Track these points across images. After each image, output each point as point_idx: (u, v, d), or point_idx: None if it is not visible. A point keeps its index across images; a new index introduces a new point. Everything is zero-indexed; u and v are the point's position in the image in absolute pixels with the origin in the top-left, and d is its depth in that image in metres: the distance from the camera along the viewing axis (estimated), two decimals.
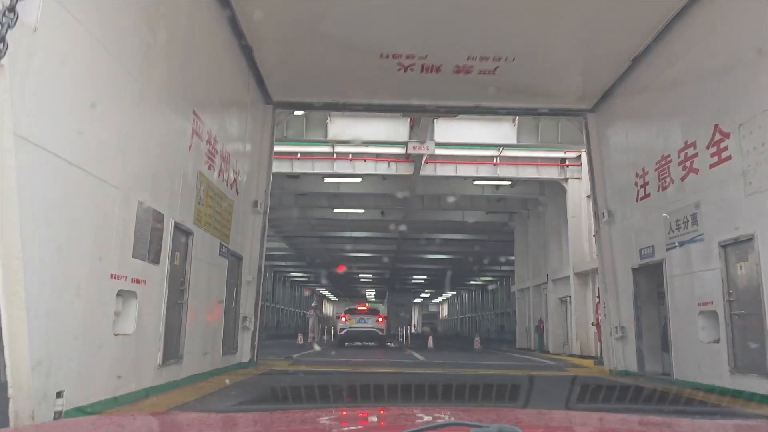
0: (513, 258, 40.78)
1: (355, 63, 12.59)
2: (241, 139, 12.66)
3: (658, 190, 11.20)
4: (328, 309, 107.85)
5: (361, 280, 62.77)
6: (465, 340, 48.31)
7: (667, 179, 10.86)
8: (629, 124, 12.78)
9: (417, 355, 19.33)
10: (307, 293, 66.18)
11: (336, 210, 26.88)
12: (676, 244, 10.50)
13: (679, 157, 10.41)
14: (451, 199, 25.24)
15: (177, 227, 8.42)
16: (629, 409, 7.59)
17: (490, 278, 59.04)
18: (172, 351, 8.38)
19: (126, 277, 6.75)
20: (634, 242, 12.23)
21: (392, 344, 28.86)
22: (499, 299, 59.13)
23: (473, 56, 12.10)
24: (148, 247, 7.35)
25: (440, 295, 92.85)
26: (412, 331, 65.49)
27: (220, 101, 10.99)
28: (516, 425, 1.46)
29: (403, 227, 30.69)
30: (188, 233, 9.02)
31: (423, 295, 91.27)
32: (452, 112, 15.17)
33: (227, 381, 9.65)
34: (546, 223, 23.49)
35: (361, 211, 27.09)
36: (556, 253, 22.41)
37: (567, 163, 20.47)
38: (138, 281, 7.09)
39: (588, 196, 19.61)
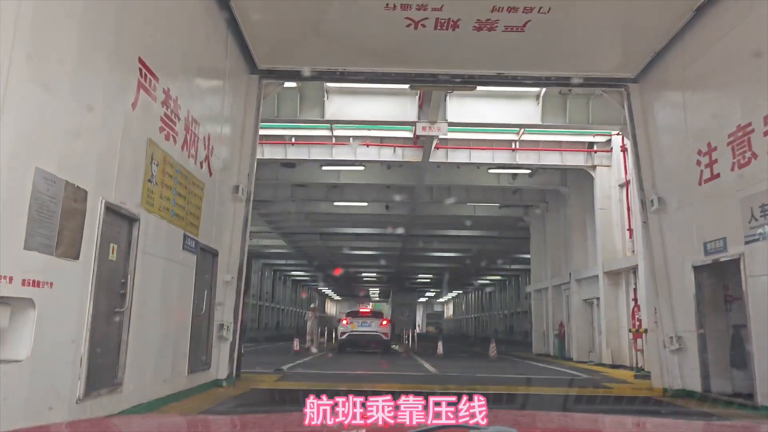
0: (527, 256, 38.60)
1: (356, 17, 10.43)
2: (218, 111, 10.48)
3: (733, 169, 8.96)
4: (331, 308, 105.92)
5: (365, 279, 60.66)
6: (473, 341, 46.00)
7: (747, 154, 8.63)
8: (688, 93, 10.54)
9: (426, 365, 17.13)
10: (304, 296, 63.99)
11: (336, 203, 24.71)
12: (761, 235, 8.28)
13: (765, 125, 8.19)
14: (460, 193, 23.10)
15: (111, 210, 6.23)
16: (626, 410, 7.52)
17: (500, 277, 56.82)
18: (103, 377, 6.21)
19: (11, 278, 4.57)
20: (696, 234, 10.01)
21: (397, 347, 26.68)
22: (508, 299, 56.90)
23: (499, 7, 9.87)
24: (55, 236, 5.17)
25: (446, 295, 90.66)
26: (417, 330, 63.24)
27: (186, 58, 8.79)
28: (513, 426, 1.52)
29: (401, 230, 28.48)
30: (132, 219, 6.84)
31: (428, 294, 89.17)
32: (469, 83, 12.91)
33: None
34: (568, 217, 21.27)
35: (364, 204, 24.91)
36: (580, 251, 20.18)
37: (595, 148, 18.24)
38: (37, 283, 4.92)
39: (621, 185, 17.43)
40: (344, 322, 23.27)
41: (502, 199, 23.57)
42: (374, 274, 55.51)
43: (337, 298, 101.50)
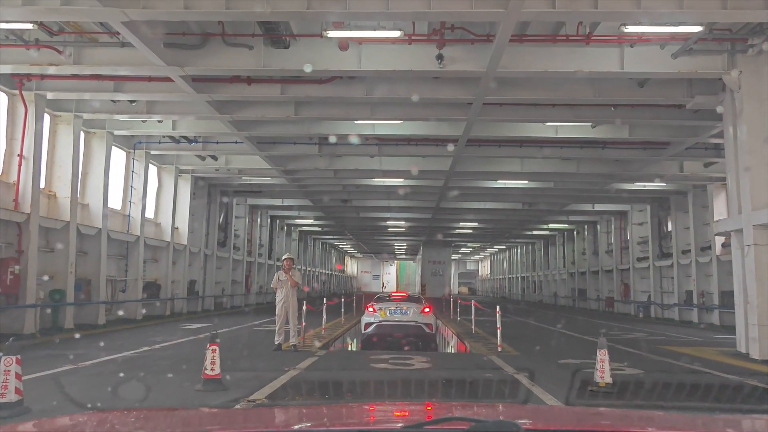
0: (637, 187, 24.81)
1: None
2: None
3: None
4: (351, 267, 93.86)
5: (390, 229, 47.69)
6: (532, 310, 33.13)
7: None
8: None
9: None
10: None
11: (333, 32, 11.43)
12: None
13: None
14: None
15: None
16: (628, 405, 6.69)
17: (566, 226, 43.23)
18: None
19: None
20: None
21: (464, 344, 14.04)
22: (577, 254, 43.42)
23: None
24: None
25: (484, 250, 77.53)
26: (451, 291, 50.31)
27: None
28: (515, 420, 1.52)
29: (459, 114, 14.98)
30: None
31: (462, 250, 76.31)
32: None
33: None
34: None
35: (395, 33, 11.61)
36: None
37: None
38: None
39: None
40: (370, 309, 16.38)
41: (703, 16, 10.10)
42: (403, 223, 42.61)
43: (358, 255, 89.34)
